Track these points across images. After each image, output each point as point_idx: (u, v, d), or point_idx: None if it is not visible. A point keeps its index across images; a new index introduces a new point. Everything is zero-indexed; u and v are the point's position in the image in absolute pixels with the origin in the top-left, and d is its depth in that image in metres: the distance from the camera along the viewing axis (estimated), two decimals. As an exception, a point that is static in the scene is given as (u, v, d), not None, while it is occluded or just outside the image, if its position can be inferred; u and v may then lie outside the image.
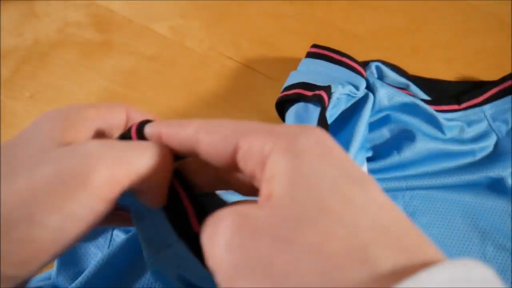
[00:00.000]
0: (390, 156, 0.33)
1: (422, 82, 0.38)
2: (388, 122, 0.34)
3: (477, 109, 0.36)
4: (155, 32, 0.45)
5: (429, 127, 0.34)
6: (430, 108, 0.34)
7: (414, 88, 0.37)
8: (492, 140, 0.35)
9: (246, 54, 0.43)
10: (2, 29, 0.46)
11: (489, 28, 0.44)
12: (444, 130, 0.34)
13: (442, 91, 0.38)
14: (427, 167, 0.34)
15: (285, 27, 0.44)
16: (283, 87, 0.33)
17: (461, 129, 0.36)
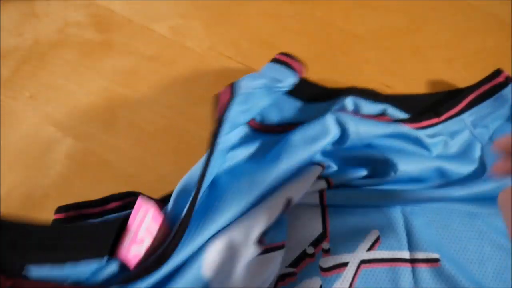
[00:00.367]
0: (387, 175, 0.33)
1: (399, 100, 0.38)
2: (373, 147, 0.35)
3: (456, 118, 0.37)
4: (155, 32, 0.45)
5: (415, 148, 0.35)
6: (412, 131, 0.34)
7: (391, 110, 0.37)
8: (476, 152, 0.36)
9: (246, 54, 0.43)
10: (2, 29, 0.46)
11: (489, 28, 0.44)
12: (430, 148, 0.35)
13: (420, 105, 0.38)
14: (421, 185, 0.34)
15: (285, 27, 0.44)
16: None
17: (445, 143, 0.36)
